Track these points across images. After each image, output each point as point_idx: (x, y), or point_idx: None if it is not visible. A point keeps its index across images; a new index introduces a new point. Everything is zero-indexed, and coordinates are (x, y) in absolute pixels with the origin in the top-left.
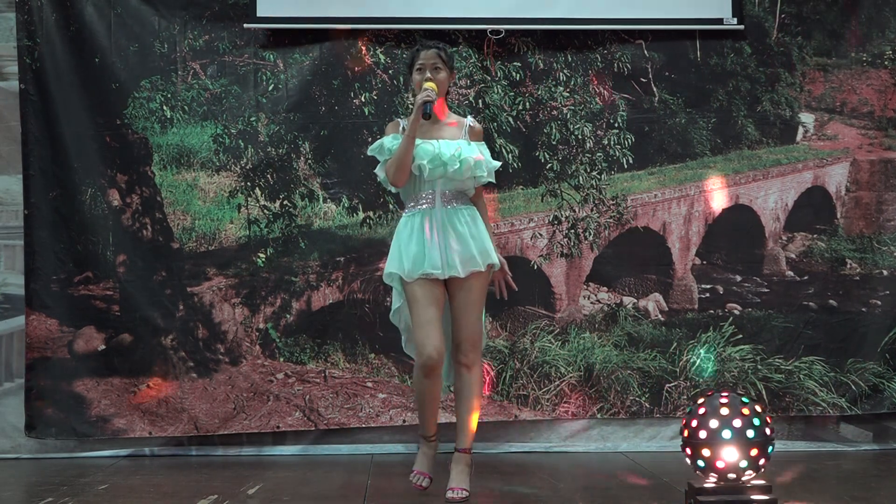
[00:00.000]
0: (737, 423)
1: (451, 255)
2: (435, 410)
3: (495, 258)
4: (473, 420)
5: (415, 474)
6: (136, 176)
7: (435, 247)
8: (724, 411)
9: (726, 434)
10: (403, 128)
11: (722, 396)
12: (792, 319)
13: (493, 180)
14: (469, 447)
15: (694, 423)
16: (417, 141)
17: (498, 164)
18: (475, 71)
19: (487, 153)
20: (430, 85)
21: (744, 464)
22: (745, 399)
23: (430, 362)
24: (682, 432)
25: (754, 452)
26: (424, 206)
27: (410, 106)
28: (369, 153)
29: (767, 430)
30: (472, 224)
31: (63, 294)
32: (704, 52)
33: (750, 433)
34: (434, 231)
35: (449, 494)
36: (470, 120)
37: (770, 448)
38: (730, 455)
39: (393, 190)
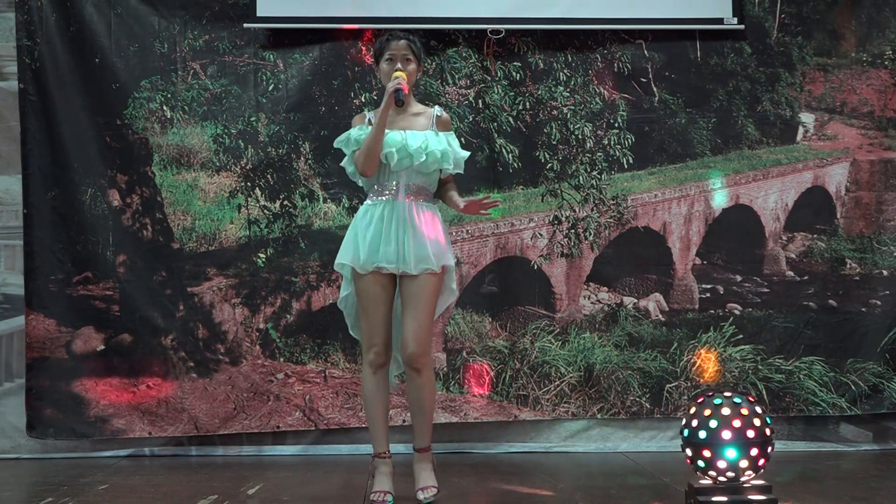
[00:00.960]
0: (736, 423)
1: (407, 250)
2: (384, 417)
3: (451, 260)
4: (429, 420)
5: (377, 493)
6: (136, 176)
7: (392, 240)
8: (725, 411)
9: (726, 434)
10: (370, 120)
11: (722, 396)
12: (792, 319)
13: (461, 171)
14: (428, 445)
15: (694, 424)
16: (385, 130)
17: (466, 154)
18: (475, 71)
19: (456, 143)
20: (400, 74)
21: (744, 464)
22: (744, 399)
23: (378, 359)
24: (681, 432)
25: (754, 452)
26: (387, 197)
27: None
28: (335, 146)
29: (767, 431)
30: (431, 224)
31: (62, 294)
32: (704, 52)
33: (750, 433)
34: (393, 223)
35: (420, 495)
36: (437, 110)
37: (769, 448)
38: (729, 455)
39: (360, 183)
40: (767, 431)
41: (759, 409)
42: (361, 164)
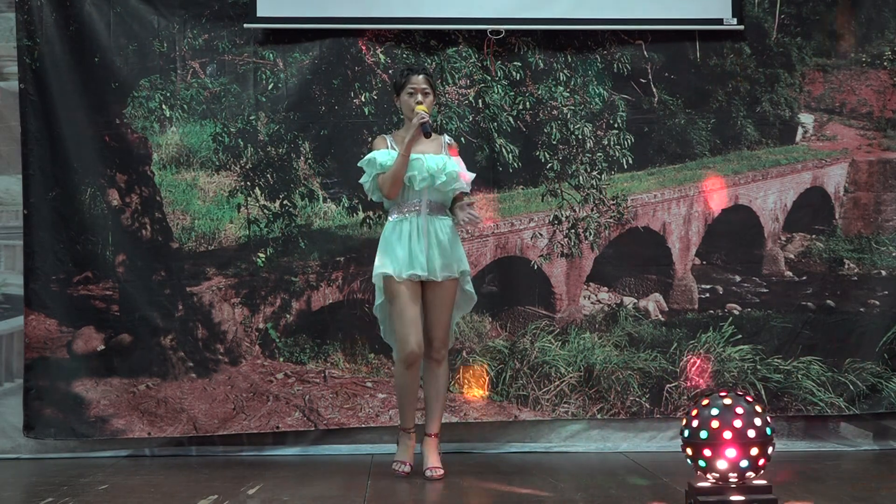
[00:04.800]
0: (737, 423)
1: (434, 261)
2: (414, 402)
3: (466, 265)
4: (441, 407)
5: (396, 463)
6: (135, 175)
7: (421, 252)
8: (726, 412)
9: (727, 434)
10: (391, 144)
11: (722, 397)
12: (790, 319)
13: (467, 190)
14: (438, 431)
15: (694, 424)
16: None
17: (473, 175)
18: (475, 71)
19: (464, 166)
20: (422, 108)
21: (744, 464)
22: (745, 399)
23: (412, 356)
24: (682, 432)
25: (754, 452)
26: (412, 214)
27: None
28: (359, 165)
29: (768, 430)
30: (451, 235)
31: (62, 294)
32: (704, 52)
33: (750, 433)
34: (421, 238)
35: (428, 473)
36: (446, 138)
37: (769, 448)
38: (730, 455)
39: (375, 198)
40: (768, 431)
41: (758, 409)
42: (388, 189)
